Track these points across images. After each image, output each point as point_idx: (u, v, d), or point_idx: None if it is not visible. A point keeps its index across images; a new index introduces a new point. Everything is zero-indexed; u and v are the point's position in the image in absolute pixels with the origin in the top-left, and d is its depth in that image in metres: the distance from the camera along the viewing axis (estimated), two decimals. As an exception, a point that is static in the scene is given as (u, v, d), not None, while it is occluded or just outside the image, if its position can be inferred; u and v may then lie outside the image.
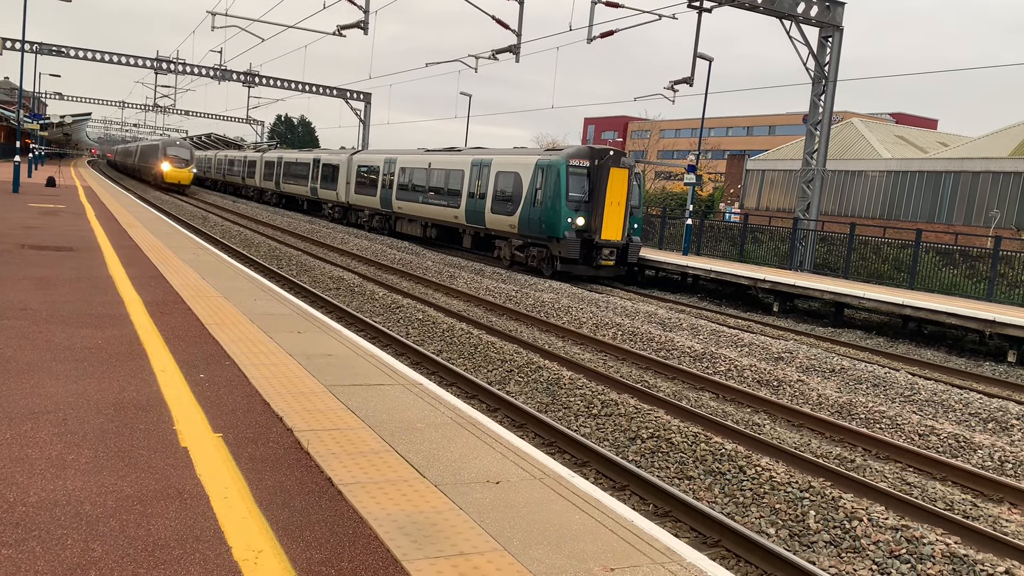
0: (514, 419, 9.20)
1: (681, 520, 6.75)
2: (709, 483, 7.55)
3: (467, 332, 13.20)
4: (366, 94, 59.21)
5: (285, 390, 6.19)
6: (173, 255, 14.28)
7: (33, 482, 4.13)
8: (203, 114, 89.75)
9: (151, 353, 7.03)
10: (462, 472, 4.78)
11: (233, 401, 5.84)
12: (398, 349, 12.19)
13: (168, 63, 51.91)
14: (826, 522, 6.65)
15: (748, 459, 7.83)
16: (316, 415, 5.63)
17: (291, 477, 4.51)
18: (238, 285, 11.51)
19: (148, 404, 5.60)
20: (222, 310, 9.34)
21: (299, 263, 21.37)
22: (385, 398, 6.24)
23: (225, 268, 13.39)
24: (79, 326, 7.82)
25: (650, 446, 8.42)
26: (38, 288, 9.69)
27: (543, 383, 10.58)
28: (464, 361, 11.86)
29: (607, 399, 9.73)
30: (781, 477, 7.43)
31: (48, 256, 12.61)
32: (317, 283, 18.45)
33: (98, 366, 6.45)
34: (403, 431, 5.46)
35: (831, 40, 25.75)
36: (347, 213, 39.68)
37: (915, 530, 6.41)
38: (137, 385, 6.03)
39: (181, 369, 6.59)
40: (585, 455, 8.06)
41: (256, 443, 5.02)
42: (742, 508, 7.07)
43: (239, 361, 6.98)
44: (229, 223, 32.94)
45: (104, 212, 23.29)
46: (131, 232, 17.86)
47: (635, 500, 7.18)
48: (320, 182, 42.71)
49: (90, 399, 5.58)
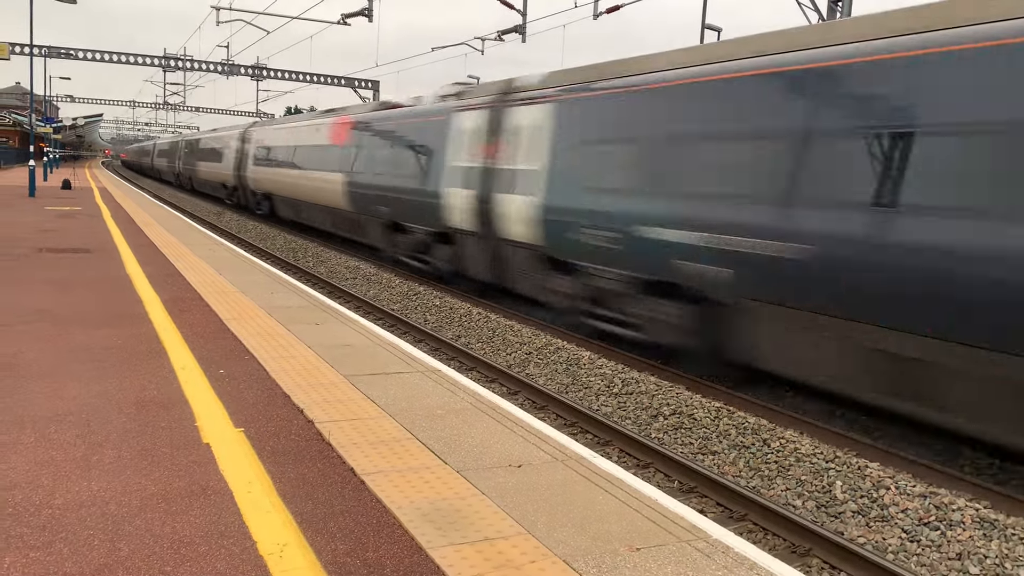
0: (535, 401, 9.19)
1: (707, 496, 6.73)
2: (733, 457, 7.51)
3: (484, 316, 13.19)
4: (374, 82, 58.96)
5: (305, 382, 6.21)
6: (189, 252, 14.34)
7: (59, 484, 4.17)
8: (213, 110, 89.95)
9: (171, 351, 7.06)
10: (484, 457, 4.77)
11: (253, 395, 5.86)
12: (416, 336, 12.20)
13: (176, 60, 52.01)
14: (853, 492, 6.60)
15: (772, 432, 7.78)
16: (336, 406, 5.63)
17: (313, 469, 4.52)
18: (255, 279, 11.55)
19: (169, 402, 5.62)
20: (240, 305, 9.37)
21: (315, 254, 21.42)
22: (404, 386, 6.24)
23: (241, 263, 13.43)
24: (99, 327, 7.87)
25: (673, 423, 8.39)
26: (57, 291, 9.76)
27: (563, 364, 10.55)
28: (483, 345, 11.85)
29: (628, 377, 9.69)
30: (806, 448, 7.38)
31: (66, 258, 12.70)
32: (334, 274, 18.49)
33: (119, 366, 6.49)
34: (423, 418, 5.46)
35: (841, 4, 25.36)
36: None
37: (943, 496, 6.35)
38: (158, 383, 6.06)
39: (201, 365, 6.61)
40: (608, 434, 8.04)
41: (278, 436, 5.03)
42: (767, 481, 7.03)
43: (258, 355, 7.00)
44: (244, 218, 33.05)
45: (120, 212, 23.43)
46: (147, 231, 17.95)
47: (659, 478, 7.16)
48: None
49: (112, 399, 5.62)
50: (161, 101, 68.16)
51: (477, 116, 14.57)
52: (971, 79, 6.50)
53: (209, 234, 18.39)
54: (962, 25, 6.72)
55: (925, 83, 6.85)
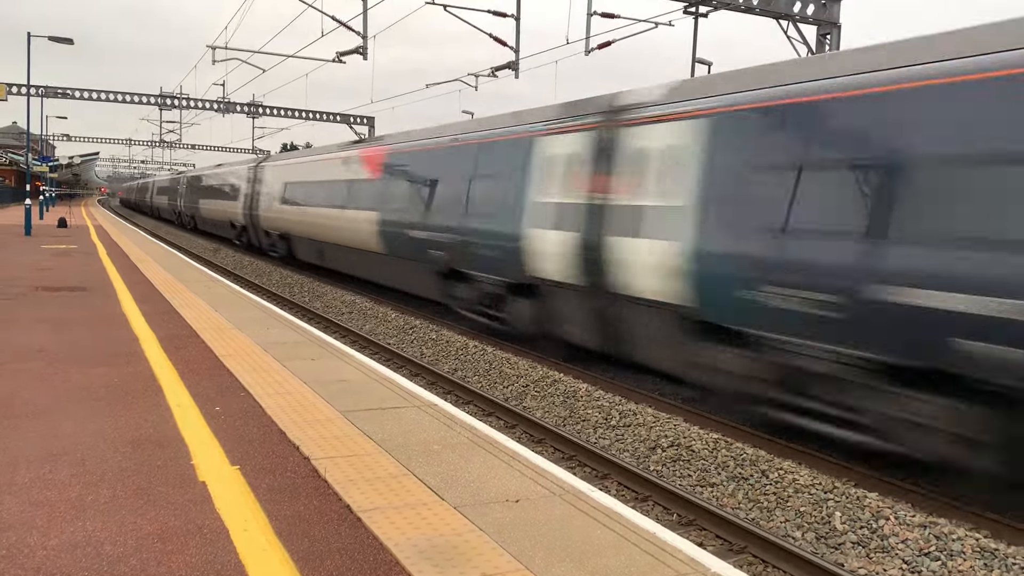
0: (532, 434, 9.16)
1: (706, 528, 6.69)
2: (732, 489, 7.48)
3: (481, 349, 13.18)
4: (369, 118, 59.48)
5: (301, 418, 6.19)
6: (185, 289, 14.35)
7: (53, 525, 4.14)
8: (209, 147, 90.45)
9: (166, 388, 7.04)
10: (481, 492, 4.76)
11: (249, 432, 5.84)
12: (413, 370, 12.18)
13: (172, 99, 52.44)
14: (852, 522, 6.57)
15: (770, 462, 7.75)
16: (332, 442, 5.62)
17: (309, 506, 4.50)
18: (251, 315, 11.55)
19: (165, 440, 5.60)
20: (236, 341, 9.37)
21: (311, 289, 21.44)
22: (401, 421, 6.23)
23: (238, 299, 13.44)
24: (95, 365, 7.86)
25: (671, 454, 8.36)
26: (53, 329, 9.74)
27: (560, 396, 10.54)
28: (480, 379, 11.83)
29: (625, 409, 9.68)
30: (804, 479, 7.35)
31: (62, 297, 12.70)
32: (330, 309, 18.49)
33: (114, 404, 6.47)
34: (420, 454, 5.44)
35: (829, 37, 25.72)
36: None
37: (943, 526, 6.33)
38: (154, 421, 6.04)
39: (197, 403, 6.60)
40: (606, 467, 8.01)
41: (274, 473, 5.01)
42: (767, 513, 7.00)
43: (254, 392, 6.98)
44: (240, 254, 33.10)
45: (116, 250, 23.47)
46: (143, 268, 17.97)
47: (658, 510, 7.13)
48: None
49: (107, 438, 5.60)
50: (157, 139, 68.60)
51: (575, 140, 11.61)
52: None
53: (205, 271, 18.42)
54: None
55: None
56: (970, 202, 6.46)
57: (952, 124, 6.73)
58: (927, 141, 6.89)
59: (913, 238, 6.81)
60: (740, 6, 24.10)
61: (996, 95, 6.44)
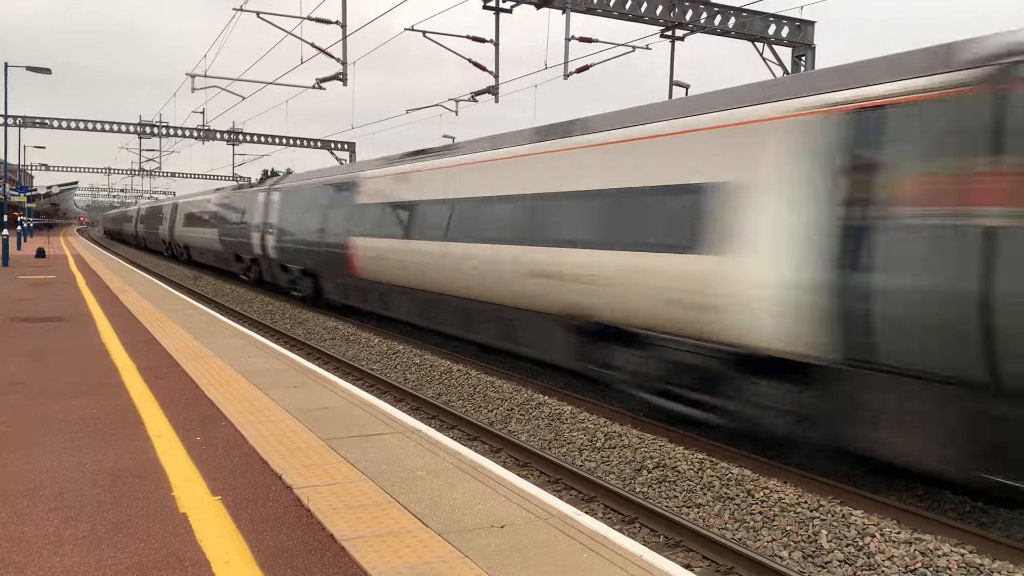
0: (517, 458, 9.12)
1: (693, 550, 6.66)
2: (719, 509, 7.47)
3: (465, 373, 13.14)
4: (350, 143, 59.61)
5: (283, 447, 6.13)
6: (166, 318, 14.23)
7: (31, 560, 4.06)
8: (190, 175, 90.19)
9: (147, 419, 6.96)
10: (466, 519, 4.72)
11: (231, 462, 5.77)
12: (396, 396, 12.12)
13: (151, 127, 52.30)
14: (839, 540, 6.57)
15: (756, 482, 7.75)
16: (315, 470, 5.56)
17: (293, 536, 4.45)
18: (232, 343, 11.46)
19: (145, 471, 5.53)
20: (216, 370, 9.29)
21: (293, 316, 21.32)
22: (384, 448, 6.18)
23: (218, 327, 13.34)
24: (73, 397, 7.76)
25: (657, 476, 8.34)
26: (31, 361, 9.62)
27: (545, 419, 10.51)
28: (464, 403, 11.78)
29: (610, 431, 9.66)
30: (790, 498, 7.35)
31: (40, 328, 12.56)
32: (312, 335, 18.39)
33: (93, 436, 6.38)
34: (404, 480, 5.40)
35: (804, 59, 26.10)
36: None
37: (928, 542, 6.34)
38: (133, 452, 5.96)
39: (177, 433, 6.52)
40: (592, 490, 7.98)
41: (256, 503, 4.95)
42: (753, 533, 6.98)
43: (235, 421, 6.91)
44: (221, 282, 32.91)
45: (95, 280, 23.27)
46: (122, 298, 17.82)
47: (645, 532, 7.10)
48: None
49: (86, 471, 5.52)
50: (137, 167, 68.30)
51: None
52: None
53: (185, 299, 18.29)
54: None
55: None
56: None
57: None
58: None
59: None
60: (716, 29, 24.43)
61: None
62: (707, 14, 24.19)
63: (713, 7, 24.18)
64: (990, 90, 6.54)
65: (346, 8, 20.56)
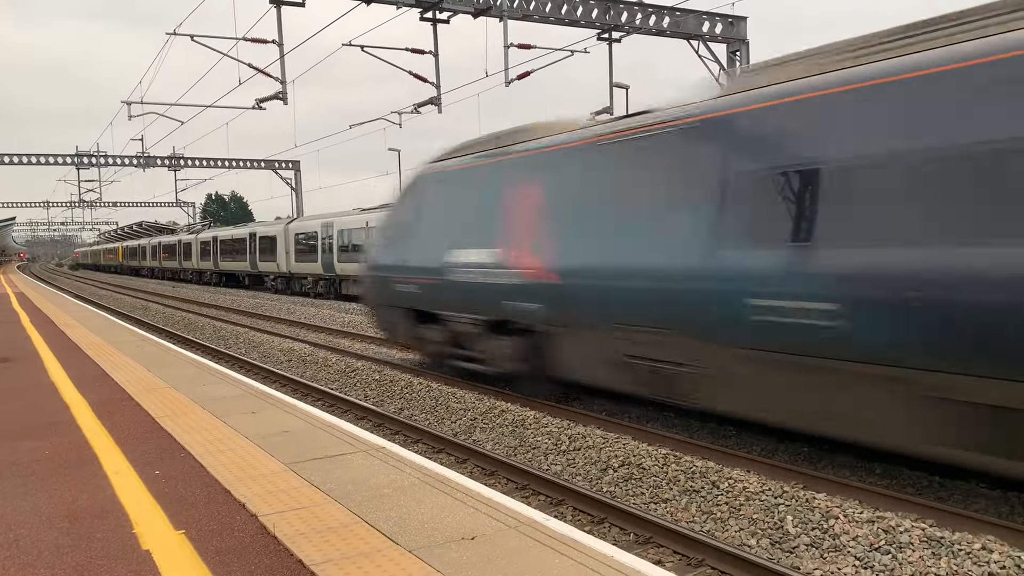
0: (484, 467, 9.11)
1: (663, 545, 6.72)
2: (685, 503, 7.54)
3: (426, 386, 13.08)
4: (294, 162, 59.10)
5: (245, 474, 6.04)
6: (116, 351, 13.92)
7: (-12, 612, 3.94)
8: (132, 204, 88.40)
9: (102, 456, 6.80)
10: (436, 533, 4.70)
11: (192, 494, 5.67)
12: (358, 414, 12.02)
13: (89, 157, 51.18)
14: (804, 525, 6.68)
15: (720, 473, 7.85)
16: (280, 496, 5.49)
17: (261, 565, 4.38)
18: (186, 372, 11.26)
19: (103, 510, 5.40)
20: (172, 401, 9.11)
21: (247, 340, 21.03)
22: (349, 468, 6.13)
23: (171, 357, 13.10)
24: (23, 439, 7.54)
25: (622, 474, 8.40)
26: (-24, 405, 9.33)
27: (508, 426, 10.51)
28: (426, 416, 11.73)
29: (574, 433, 9.70)
30: (754, 486, 7.46)
31: (-16, 370, 12.18)
32: (268, 358, 18.15)
33: (47, 478, 6.21)
34: (371, 499, 5.35)
35: (739, 54, 26.57)
36: (290, 282, 39.40)
37: (890, 519, 6.48)
38: (90, 491, 5.82)
39: (135, 468, 6.38)
40: (560, 493, 8.00)
41: (221, 535, 4.87)
42: (721, 523, 7.07)
43: (194, 451, 6.79)
44: (172, 309, 32.32)
45: (39, 316, 22.67)
46: (70, 333, 17.39)
47: (615, 532, 7.14)
48: (259, 255, 42.42)
49: (42, 514, 5.37)
50: (76, 199, 66.73)
51: None
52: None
53: (135, 330, 17.92)
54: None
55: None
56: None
57: None
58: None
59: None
60: (651, 29, 24.75)
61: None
62: (641, 15, 24.51)
63: (647, 7, 24.51)
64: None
65: (282, 27, 20.38)
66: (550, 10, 23.13)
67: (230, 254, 47.55)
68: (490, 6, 21.63)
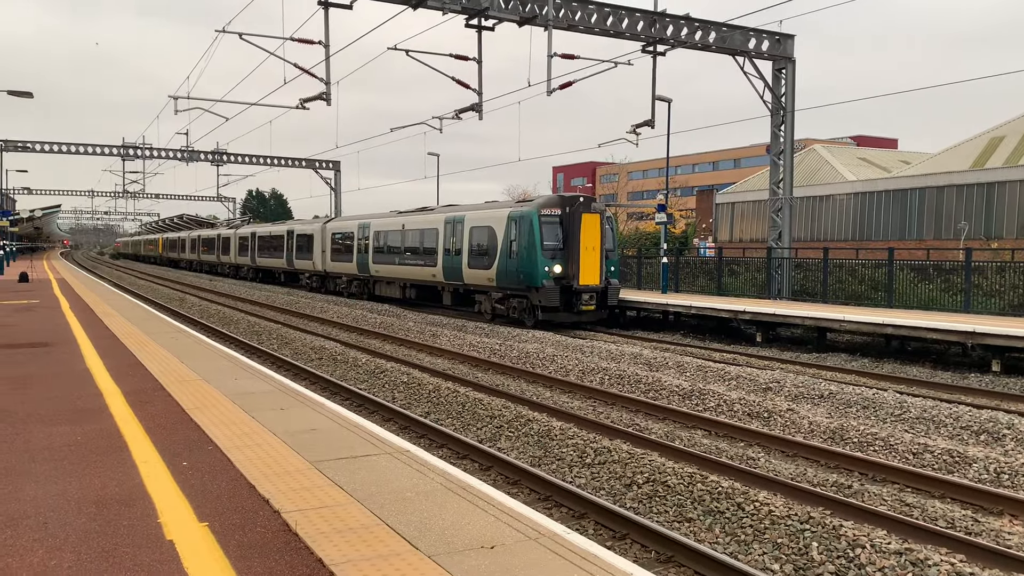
0: (507, 476, 9.09)
1: (685, 565, 6.64)
2: (709, 523, 7.46)
3: (453, 391, 13.11)
4: (335, 162, 59.68)
5: (270, 471, 6.09)
6: (151, 341, 14.14)
7: (14, 593, 4.01)
8: (174, 196, 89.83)
9: (132, 445, 6.90)
10: (455, 540, 4.69)
11: (218, 487, 5.72)
12: (385, 415, 12.07)
13: (135, 149, 52.15)
14: (829, 552, 6.57)
15: (746, 495, 7.75)
16: (303, 494, 5.52)
17: (281, 562, 4.41)
18: (218, 365, 11.39)
19: (131, 498, 5.47)
20: (203, 393, 9.22)
21: (280, 336, 21.24)
22: (373, 469, 6.15)
23: (204, 349, 13.26)
24: (57, 424, 7.68)
25: (647, 491, 8.33)
26: (14, 388, 9.53)
27: (534, 436, 10.48)
28: (452, 421, 11.74)
29: (600, 446, 9.65)
30: (780, 510, 7.36)
31: (23, 354, 12.45)
32: (299, 355, 18.32)
33: (78, 463, 6.32)
34: (393, 502, 5.36)
35: (784, 72, 26.33)
36: (324, 281, 39.73)
37: (919, 552, 6.35)
38: (119, 479, 5.90)
39: (163, 458, 6.47)
40: (582, 506, 7.95)
41: (243, 529, 4.91)
42: (744, 546, 6.98)
43: (222, 445, 6.86)
44: (207, 302, 32.77)
45: (79, 303, 23.11)
46: (107, 321, 17.70)
47: (636, 548, 7.07)
48: (296, 253, 42.84)
49: (71, 499, 5.46)
50: (120, 190, 68.01)
51: None
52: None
53: (171, 321, 18.18)
54: None
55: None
56: None
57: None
58: None
59: None
60: (697, 44, 24.61)
61: None
62: (687, 29, 24.39)
63: (694, 22, 24.39)
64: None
65: (329, 28, 20.61)
66: (595, 21, 23.11)
67: (267, 250, 48.11)
68: (535, 15, 21.68)
